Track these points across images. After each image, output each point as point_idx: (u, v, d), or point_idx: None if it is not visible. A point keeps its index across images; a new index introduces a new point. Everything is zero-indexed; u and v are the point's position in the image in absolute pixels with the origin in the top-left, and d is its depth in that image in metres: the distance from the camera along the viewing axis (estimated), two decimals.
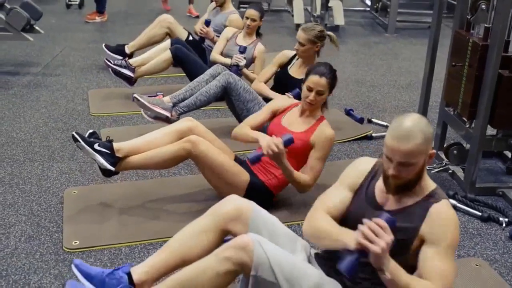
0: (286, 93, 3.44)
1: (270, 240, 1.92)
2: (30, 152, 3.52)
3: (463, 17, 3.33)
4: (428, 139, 1.77)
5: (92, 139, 2.78)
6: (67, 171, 3.30)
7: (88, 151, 2.73)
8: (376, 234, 1.65)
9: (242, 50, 4.09)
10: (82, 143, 2.72)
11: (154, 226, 2.76)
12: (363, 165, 2.02)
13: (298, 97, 3.21)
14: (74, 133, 2.74)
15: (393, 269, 1.70)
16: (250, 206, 2.07)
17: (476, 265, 2.58)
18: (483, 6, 3.08)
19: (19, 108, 4.21)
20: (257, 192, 2.81)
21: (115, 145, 2.77)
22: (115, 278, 1.99)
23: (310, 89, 2.79)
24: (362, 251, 1.67)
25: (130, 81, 4.37)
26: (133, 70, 4.34)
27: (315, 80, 2.78)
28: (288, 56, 3.76)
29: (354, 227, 1.75)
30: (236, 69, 4.00)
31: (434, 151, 1.83)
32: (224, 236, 2.07)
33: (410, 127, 1.74)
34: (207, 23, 4.60)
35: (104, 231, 2.71)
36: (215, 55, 4.33)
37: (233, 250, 1.84)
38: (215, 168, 2.74)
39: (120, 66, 4.32)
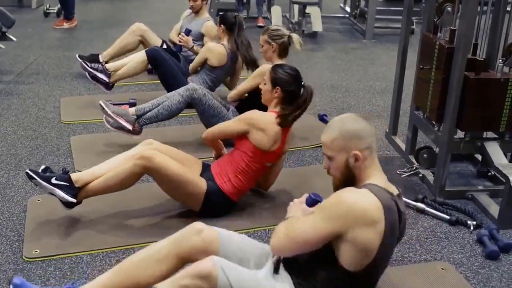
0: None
1: (240, 264, 1.89)
2: None
3: (430, 20, 3.33)
4: (345, 137, 1.83)
5: (47, 173, 2.69)
6: None
7: (46, 187, 2.64)
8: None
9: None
10: (39, 179, 2.62)
11: (116, 234, 2.72)
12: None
13: None
14: (28, 170, 2.64)
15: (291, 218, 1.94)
16: (216, 236, 2.01)
17: (442, 268, 2.55)
18: (449, 8, 3.08)
19: None
20: (215, 199, 2.78)
21: (73, 176, 2.69)
22: None
23: None
24: None
25: (107, 85, 4.35)
26: (109, 75, 4.33)
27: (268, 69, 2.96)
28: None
29: None
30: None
31: (358, 153, 1.84)
32: (184, 264, 2.01)
33: (332, 121, 1.90)
34: (187, 32, 4.57)
35: (66, 239, 2.66)
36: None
37: (193, 279, 1.76)
38: (170, 180, 2.68)
39: (97, 70, 4.31)
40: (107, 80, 4.33)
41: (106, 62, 4.78)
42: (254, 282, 1.84)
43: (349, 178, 1.86)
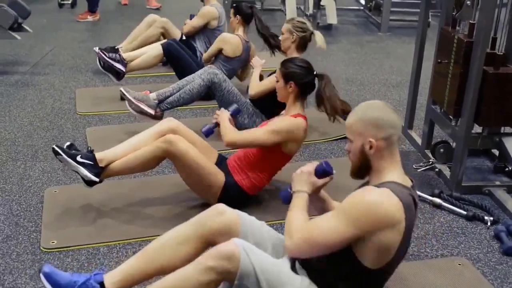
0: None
1: (258, 248, 1.88)
2: (13, 152, 3.49)
3: (449, 13, 3.30)
4: (364, 122, 1.80)
5: (73, 151, 2.72)
6: (50, 170, 3.26)
7: (71, 164, 2.67)
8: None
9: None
10: (64, 156, 2.66)
11: (133, 226, 2.73)
12: None
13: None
14: (54, 146, 2.68)
15: (298, 196, 1.94)
16: (238, 218, 2.03)
17: (459, 264, 2.54)
18: (468, 2, 3.04)
19: (5, 107, 4.18)
20: (232, 193, 2.78)
21: (97, 155, 2.72)
22: None
23: None
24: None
25: (119, 75, 4.34)
26: (125, 65, 4.32)
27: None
28: None
29: None
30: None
31: (372, 140, 1.80)
32: (207, 246, 2.01)
33: (360, 105, 1.87)
34: (192, 17, 4.62)
35: (82, 230, 2.68)
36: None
37: (218, 260, 1.78)
38: (190, 168, 2.70)
39: (114, 59, 4.29)
40: (124, 70, 4.30)
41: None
42: (275, 266, 1.85)
43: (364, 165, 1.84)
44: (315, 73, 2.80)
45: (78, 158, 2.68)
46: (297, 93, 2.79)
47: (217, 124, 2.86)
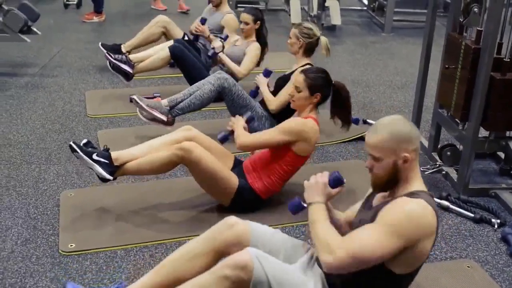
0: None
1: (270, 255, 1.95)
2: (27, 154, 3.54)
3: (456, 20, 3.35)
4: (396, 138, 1.81)
5: (89, 149, 2.79)
6: (64, 173, 3.32)
7: (86, 162, 2.75)
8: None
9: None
10: (81, 153, 2.73)
11: (150, 229, 2.79)
12: None
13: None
14: (71, 143, 2.75)
15: (315, 207, 1.91)
16: (249, 230, 2.10)
17: (468, 266, 2.60)
18: (476, 9, 3.10)
19: (16, 110, 4.23)
20: (245, 196, 2.86)
21: (113, 154, 2.79)
22: None
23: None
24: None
25: (128, 76, 4.40)
26: (132, 66, 4.39)
27: (296, 75, 2.90)
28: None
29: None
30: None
31: (408, 155, 1.82)
32: (220, 258, 2.09)
33: (381, 123, 1.86)
34: (203, 21, 4.62)
35: (100, 234, 2.74)
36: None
37: (232, 269, 1.85)
38: (205, 173, 2.77)
39: (121, 61, 4.36)
40: (131, 71, 4.37)
41: (129, 52, 4.84)
42: (287, 274, 1.91)
43: (393, 178, 1.86)
44: (333, 82, 2.89)
45: (94, 156, 2.75)
46: (317, 103, 2.89)
47: (232, 132, 2.94)
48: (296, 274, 1.96)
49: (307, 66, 3.24)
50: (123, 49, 4.89)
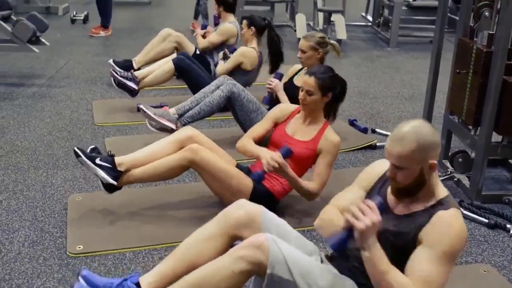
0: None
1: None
2: (34, 160, 3.52)
3: (466, 24, 3.35)
4: (424, 147, 1.72)
5: (93, 154, 2.78)
6: (71, 178, 3.29)
7: (89, 166, 2.73)
8: (363, 213, 1.70)
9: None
10: (84, 158, 2.72)
11: (157, 231, 2.75)
12: (378, 167, 2.02)
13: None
14: (75, 148, 2.75)
15: (376, 252, 1.71)
16: (260, 211, 2.06)
17: (484, 271, 2.55)
18: (487, 13, 3.09)
19: (24, 118, 4.22)
20: (261, 198, 2.79)
21: (117, 159, 2.77)
22: None
23: (301, 89, 2.82)
24: (351, 230, 1.72)
25: (133, 92, 4.39)
26: (137, 82, 4.36)
27: (304, 78, 2.82)
28: (296, 68, 3.80)
29: None
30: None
31: (435, 161, 1.76)
32: (233, 241, 2.05)
33: (406, 132, 1.74)
34: (204, 26, 4.66)
35: (107, 236, 2.70)
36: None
37: (248, 249, 1.82)
38: (217, 175, 2.73)
39: (126, 78, 4.34)
40: (136, 88, 4.35)
41: (139, 69, 4.82)
42: (305, 258, 1.88)
43: (418, 184, 1.79)
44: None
45: (97, 161, 2.73)
46: (328, 102, 2.88)
47: (265, 172, 2.68)
48: (312, 259, 1.95)
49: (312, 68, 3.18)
50: (135, 66, 4.85)
